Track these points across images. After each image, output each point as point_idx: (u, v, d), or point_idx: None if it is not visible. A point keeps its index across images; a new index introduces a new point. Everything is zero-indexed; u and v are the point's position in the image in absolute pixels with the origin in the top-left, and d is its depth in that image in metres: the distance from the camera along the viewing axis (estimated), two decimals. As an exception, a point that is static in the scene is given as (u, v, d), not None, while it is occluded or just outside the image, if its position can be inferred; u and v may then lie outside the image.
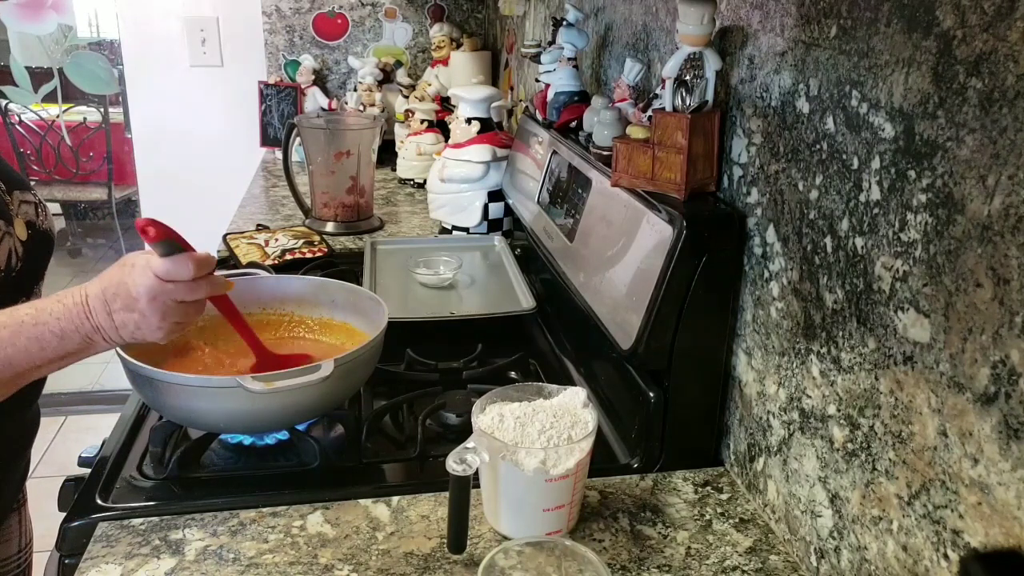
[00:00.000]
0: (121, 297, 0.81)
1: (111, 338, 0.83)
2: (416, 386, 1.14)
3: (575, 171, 1.20)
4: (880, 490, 0.70)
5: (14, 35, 4.02)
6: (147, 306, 0.81)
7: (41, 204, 1.05)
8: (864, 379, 0.71)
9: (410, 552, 0.82)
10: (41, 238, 1.02)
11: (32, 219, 1.02)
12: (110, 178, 4.25)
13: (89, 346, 0.84)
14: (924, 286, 0.63)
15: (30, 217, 1.01)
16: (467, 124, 1.68)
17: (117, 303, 0.81)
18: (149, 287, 0.80)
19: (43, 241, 1.03)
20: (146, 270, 0.81)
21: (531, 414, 0.84)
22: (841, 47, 0.73)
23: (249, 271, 1.39)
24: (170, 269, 0.80)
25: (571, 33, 1.35)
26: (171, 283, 0.81)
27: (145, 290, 0.80)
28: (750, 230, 0.91)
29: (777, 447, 0.86)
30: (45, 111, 4.21)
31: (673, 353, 0.92)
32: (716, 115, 0.94)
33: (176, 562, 0.80)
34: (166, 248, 0.81)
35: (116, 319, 0.82)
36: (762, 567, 0.82)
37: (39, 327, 0.81)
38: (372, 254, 1.55)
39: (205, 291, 0.85)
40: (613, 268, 1.00)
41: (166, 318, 0.82)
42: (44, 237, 1.03)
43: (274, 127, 2.54)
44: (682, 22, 0.90)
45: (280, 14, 2.56)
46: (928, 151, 0.62)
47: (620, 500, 0.91)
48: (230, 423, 0.95)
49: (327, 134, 1.80)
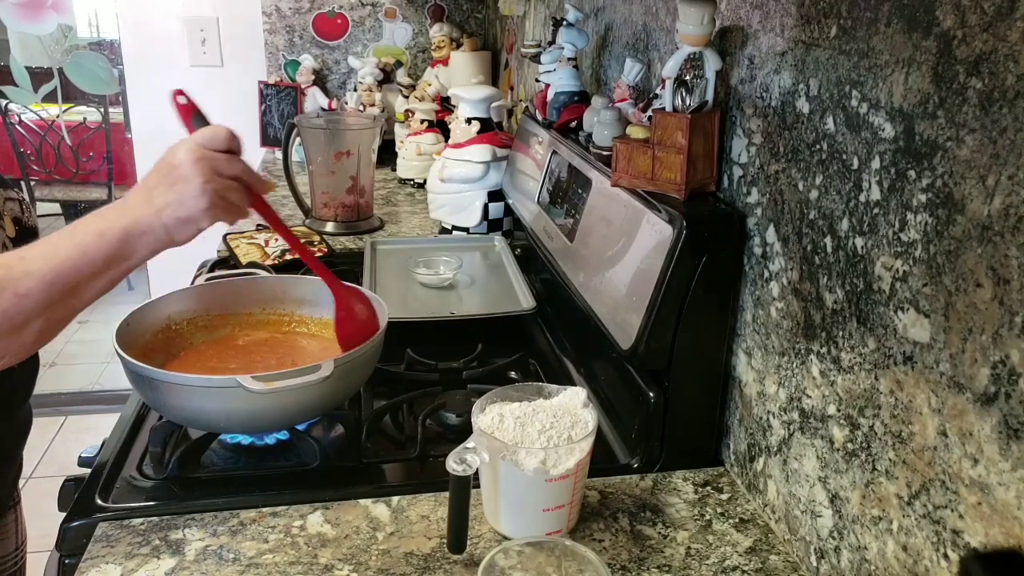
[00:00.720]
0: (163, 175, 0.83)
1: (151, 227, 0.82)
2: (416, 386, 1.14)
3: (575, 171, 1.20)
4: (880, 490, 0.70)
5: (14, 35, 4.02)
6: (190, 168, 0.82)
7: (25, 202, 1.06)
8: (864, 379, 0.71)
9: (410, 552, 0.82)
10: (28, 234, 1.04)
11: (19, 216, 1.03)
12: (110, 178, 4.25)
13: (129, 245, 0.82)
14: (924, 286, 0.63)
15: (16, 214, 1.03)
16: (467, 124, 1.68)
17: (158, 186, 0.83)
18: (191, 150, 0.83)
19: (30, 237, 1.04)
20: (185, 143, 0.84)
21: (531, 414, 0.84)
22: (841, 47, 0.73)
23: (249, 271, 1.39)
24: (207, 134, 0.85)
25: (571, 33, 1.35)
26: (210, 150, 0.84)
27: (187, 154, 0.83)
28: (750, 230, 0.91)
29: (777, 447, 0.86)
30: (45, 111, 4.21)
31: (673, 353, 0.92)
32: (716, 115, 0.94)
33: (176, 562, 0.80)
34: (199, 122, 0.88)
35: (156, 201, 0.82)
36: (762, 567, 0.82)
37: (77, 230, 0.82)
38: (372, 254, 1.55)
39: (240, 168, 0.87)
40: (613, 268, 1.00)
41: (209, 182, 0.83)
42: (31, 233, 1.04)
43: (274, 127, 2.54)
44: (682, 22, 0.90)
45: (280, 14, 2.56)
46: (928, 151, 0.62)
47: (620, 500, 0.91)
48: (230, 423, 0.95)
49: (327, 134, 1.80)
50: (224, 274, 1.29)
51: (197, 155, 0.83)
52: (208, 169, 0.83)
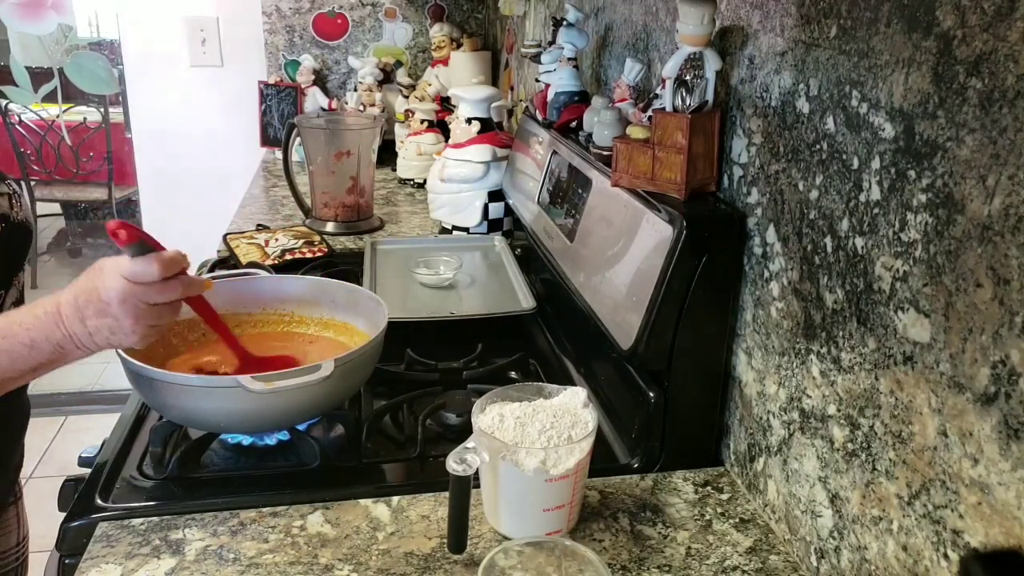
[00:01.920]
0: (93, 303, 0.81)
1: (84, 345, 0.83)
2: (416, 386, 1.14)
3: (575, 171, 1.20)
4: (880, 490, 0.70)
5: (14, 35, 4.02)
6: (118, 309, 0.80)
7: (16, 195, 1.03)
8: (864, 379, 0.71)
9: (410, 552, 0.82)
10: (16, 229, 1.01)
11: (6, 211, 1.00)
12: (110, 178, 4.25)
13: (62, 355, 0.83)
14: (924, 286, 0.63)
15: (3, 209, 1.00)
16: (467, 124, 1.68)
17: (90, 309, 0.81)
18: (119, 290, 0.80)
19: (19, 232, 1.01)
20: (115, 273, 0.80)
21: (531, 414, 0.84)
22: (841, 47, 0.73)
23: (249, 271, 1.39)
24: (137, 270, 0.80)
25: (571, 33, 1.35)
26: (141, 285, 0.80)
27: (116, 293, 0.80)
28: (750, 230, 0.91)
29: (777, 447, 0.86)
30: (45, 111, 4.22)
31: (673, 353, 0.92)
32: (716, 115, 0.94)
33: (176, 562, 0.80)
34: (137, 250, 0.80)
35: (89, 325, 0.81)
36: (762, 567, 0.82)
37: (8, 340, 0.81)
38: (372, 254, 1.55)
39: (178, 292, 0.84)
40: (613, 268, 1.00)
41: (139, 321, 0.81)
42: (20, 228, 1.02)
43: (274, 127, 2.54)
44: (682, 22, 0.90)
45: (280, 14, 2.56)
46: (928, 151, 0.62)
47: (620, 500, 0.91)
48: (230, 423, 0.95)
49: (327, 134, 1.80)
50: (224, 274, 1.29)
51: (124, 296, 0.80)
52: (137, 309, 0.81)
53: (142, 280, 0.80)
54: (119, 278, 0.80)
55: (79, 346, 0.83)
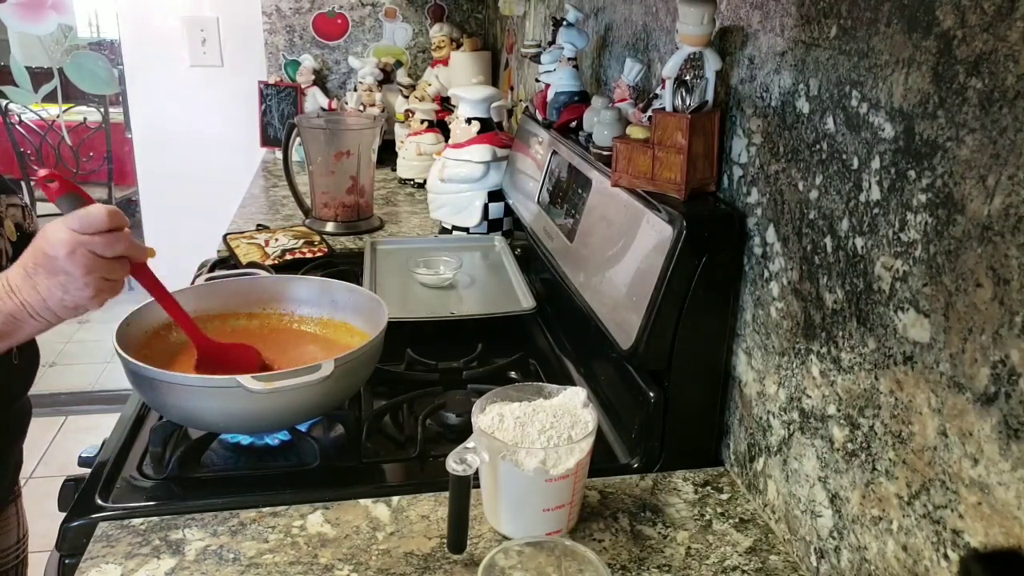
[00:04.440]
0: (41, 264, 0.80)
1: (39, 313, 0.82)
2: (416, 386, 1.14)
3: (575, 171, 1.20)
4: (880, 490, 0.70)
5: (14, 35, 4.02)
6: (67, 262, 0.79)
7: (28, 208, 1.06)
8: (864, 379, 0.71)
9: (410, 552, 0.82)
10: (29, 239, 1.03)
11: (20, 221, 1.03)
12: (110, 178, 4.25)
13: (16, 326, 0.82)
14: (924, 286, 0.63)
15: (18, 220, 1.03)
16: (467, 124, 1.68)
17: (39, 273, 0.80)
18: (66, 241, 0.79)
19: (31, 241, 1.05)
20: (59, 226, 0.80)
21: (531, 414, 0.84)
22: (841, 47, 0.73)
23: (249, 271, 1.39)
24: (82, 218, 0.79)
25: (571, 33, 1.35)
26: (87, 235, 0.80)
27: (62, 244, 0.79)
28: (750, 230, 0.91)
29: (777, 447, 0.86)
30: (45, 111, 4.21)
31: (673, 353, 0.92)
32: (716, 115, 0.94)
33: (176, 562, 0.80)
34: (72, 202, 0.80)
35: (41, 289, 0.81)
36: (762, 567, 0.82)
37: None
38: (372, 254, 1.55)
39: (124, 246, 0.83)
40: (613, 268, 1.00)
41: (90, 272, 0.80)
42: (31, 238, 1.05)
43: (274, 127, 2.54)
44: (682, 22, 0.90)
45: (280, 14, 2.56)
46: (928, 151, 0.62)
47: (620, 500, 0.91)
48: (230, 423, 0.95)
49: (327, 134, 1.80)
50: (224, 274, 1.29)
51: (72, 246, 0.79)
52: (87, 259, 0.80)
53: (88, 229, 0.80)
54: (64, 229, 0.80)
55: (33, 315, 0.82)
